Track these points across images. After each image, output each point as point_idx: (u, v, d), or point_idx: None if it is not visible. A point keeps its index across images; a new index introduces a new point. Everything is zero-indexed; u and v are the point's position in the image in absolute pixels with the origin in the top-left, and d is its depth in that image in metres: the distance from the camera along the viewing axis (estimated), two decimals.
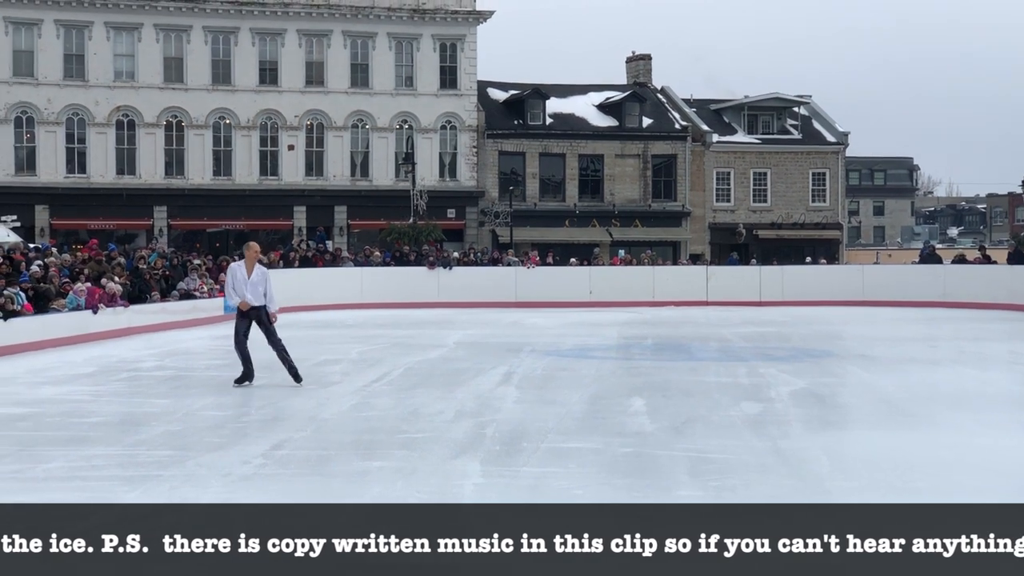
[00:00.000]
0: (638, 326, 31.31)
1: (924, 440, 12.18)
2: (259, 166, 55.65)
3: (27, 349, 22.95)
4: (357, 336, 27.56)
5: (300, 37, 55.70)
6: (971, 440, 12.22)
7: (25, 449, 11.58)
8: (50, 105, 53.02)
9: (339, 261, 43.55)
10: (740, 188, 61.91)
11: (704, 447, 11.50)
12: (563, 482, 9.71)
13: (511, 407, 14.59)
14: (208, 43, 54.82)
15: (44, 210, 52.55)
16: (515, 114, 59.77)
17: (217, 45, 55.04)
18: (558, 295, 41.88)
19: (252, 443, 11.75)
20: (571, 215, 58.63)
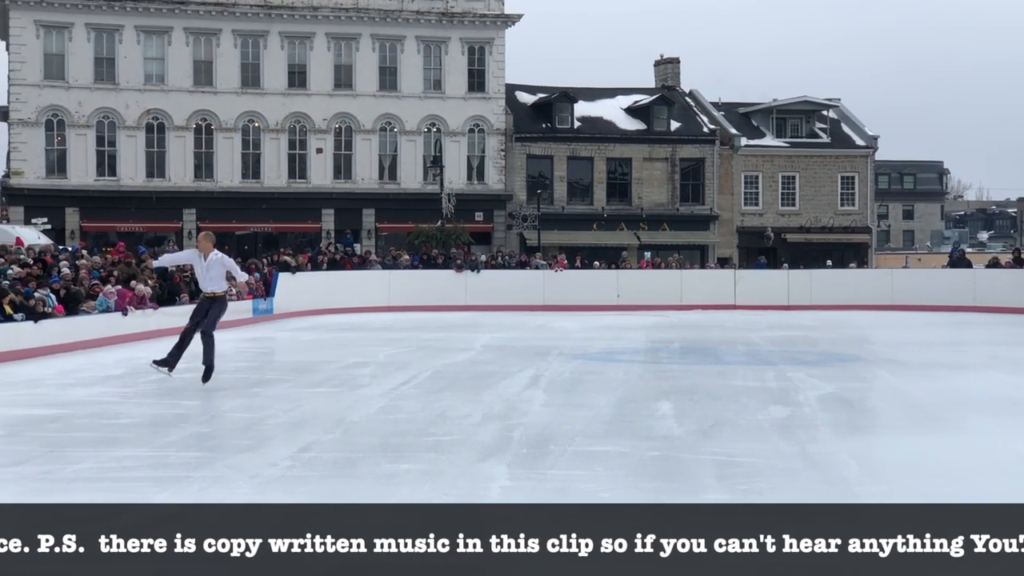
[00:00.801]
0: (665, 329, 31.26)
1: (954, 445, 12.12)
2: (287, 169, 55.82)
3: (58, 351, 23.08)
4: (385, 339, 27.60)
5: (329, 40, 55.86)
6: (1003, 445, 12.14)
7: (55, 450, 11.64)
8: (81, 108, 53.32)
9: (367, 264, 43.65)
10: (768, 192, 61.74)
11: (731, 451, 11.47)
12: (590, 485, 9.70)
13: (538, 410, 14.59)
14: (237, 47, 55.04)
15: (74, 213, 52.84)
16: (543, 117, 59.76)
17: (246, 49, 55.25)
18: (586, 298, 41.87)
19: (280, 445, 11.77)
20: (599, 218, 58.59)
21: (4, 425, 13.93)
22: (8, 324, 22.21)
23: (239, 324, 31.54)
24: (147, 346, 24.79)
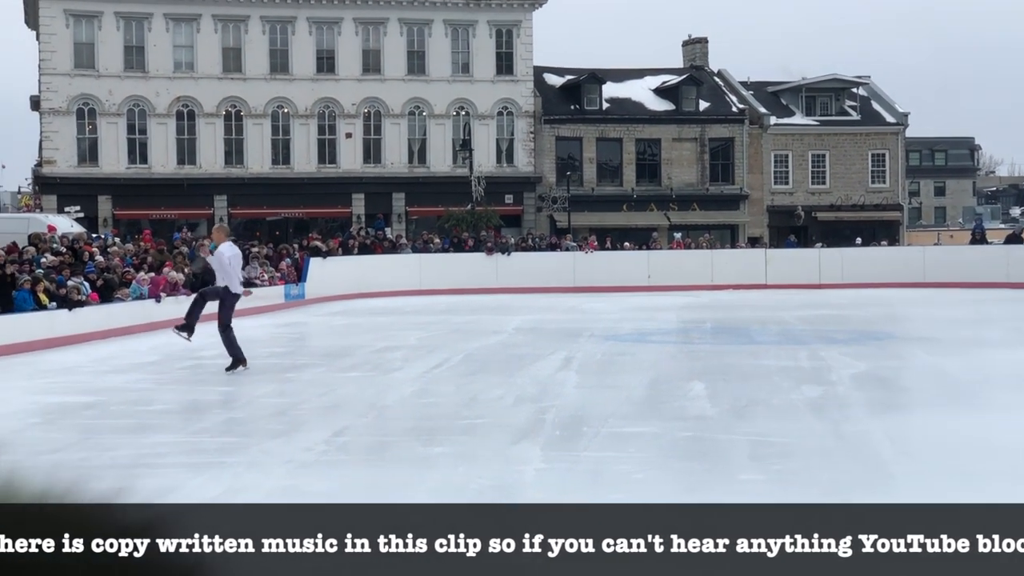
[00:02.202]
0: (697, 310, 31.21)
1: (990, 423, 12.05)
2: (317, 154, 55.92)
3: (93, 338, 23.23)
4: (417, 323, 27.66)
5: (356, 25, 55.88)
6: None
7: (91, 437, 11.72)
8: (111, 97, 53.53)
9: (398, 248, 43.73)
10: (798, 170, 61.46)
11: (765, 431, 11.45)
12: (623, 466, 9.70)
13: (571, 392, 14.59)
14: (265, 33, 55.12)
15: (107, 200, 53.09)
16: (572, 99, 59.65)
17: (275, 35, 55.33)
18: (616, 280, 41.85)
19: (314, 430, 11.82)
20: (629, 199, 58.48)
21: (40, 412, 14.04)
22: (43, 312, 22.37)
23: (271, 310, 31.67)
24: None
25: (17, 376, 17.65)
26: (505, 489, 8.89)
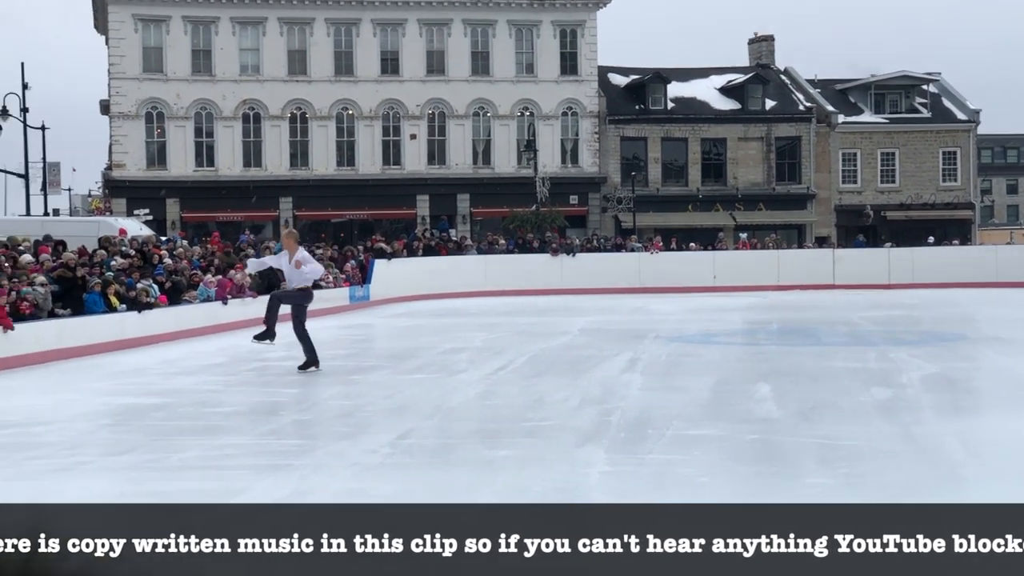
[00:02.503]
0: (763, 311, 31.01)
1: None
2: (382, 156, 56.13)
3: (161, 340, 23.47)
4: (481, 324, 27.68)
5: (421, 26, 56.03)
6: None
7: (160, 439, 11.82)
8: (179, 100, 54.05)
9: (463, 249, 43.80)
10: (867, 169, 60.85)
11: (833, 433, 11.34)
12: (688, 470, 9.64)
13: (636, 394, 14.54)
14: (330, 35, 55.42)
15: (175, 203, 53.61)
16: (636, 99, 59.46)
17: (339, 37, 55.61)
18: (682, 280, 41.70)
19: (379, 432, 11.85)
20: (694, 199, 58.19)
21: (111, 414, 14.20)
22: (113, 314, 22.62)
23: (336, 311, 31.83)
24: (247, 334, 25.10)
25: (88, 378, 17.86)
26: (569, 492, 8.87)
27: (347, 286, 35.53)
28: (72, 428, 12.81)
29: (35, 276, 21.59)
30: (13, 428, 12.81)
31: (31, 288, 20.87)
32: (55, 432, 12.51)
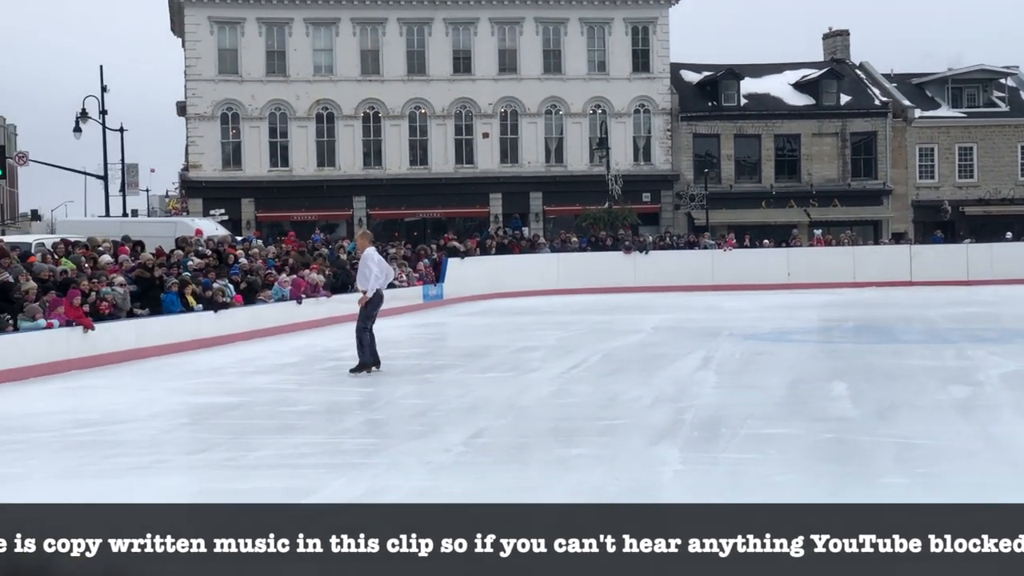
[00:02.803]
0: (839, 308, 30.73)
1: None
2: (454, 154, 56.28)
3: (237, 339, 23.70)
4: (555, 322, 27.69)
5: (492, 25, 56.13)
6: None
7: (237, 437, 11.95)
8: (254, 101, 54.54)
9: (535, 247, 43.81)
10: (944, 164, 60.11)
11: (909, 433, 11.24)
12: (763, 469, 9.60)
13: (710, 392, 14.49)
14: (403, 35, 55.67)
15: (250, 203, 54.11)
16: (709, 96, 59.17)
17: (411, 36, 55.84)
18: (755, 278, 41.43)
19: (452, 431, 11.90)
20: (768, 196, 57.80)
21: (188, 413, 14.38)
22: (190, 314, 22.89)
23: (410, 310, 31.98)
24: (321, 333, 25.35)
25: (166, 377, 18.09)
26: (643, 491, 8.87)
27: (420, 285, 35.68)
28: (150, 427, 12.99)
29: (114, 276, 21.90)
30: (94, 427, 13.02)
31: (110, 288, 21.17)
32: (134, 431, 12.69)
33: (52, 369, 18.33)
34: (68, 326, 19.05)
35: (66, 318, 19.09)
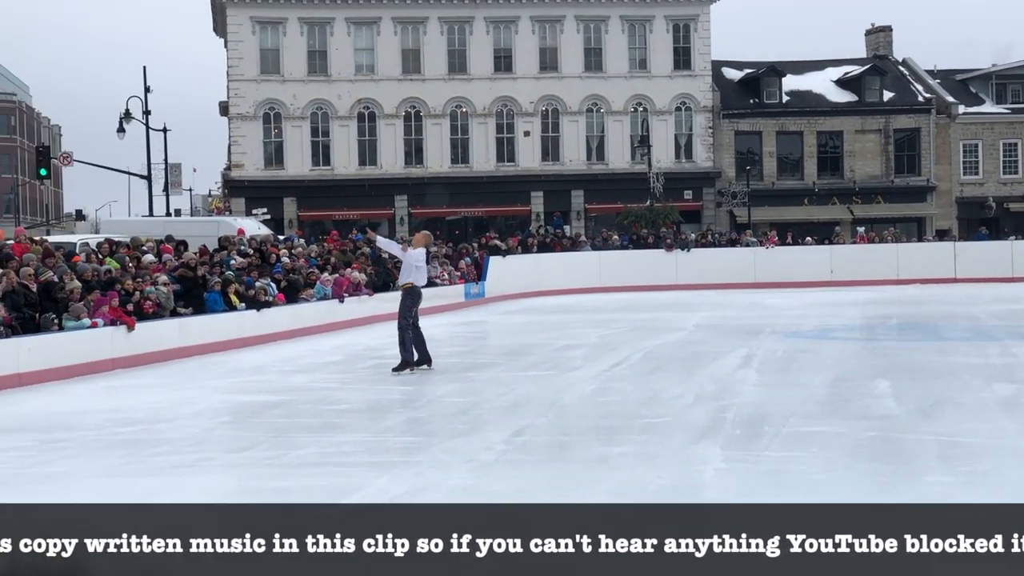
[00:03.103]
0: (882, 305, 30.54)
1: None
2: (496, 153, 56.33)
3: (280, 338, 23.82)
4: (596, 320, 27.66)
5: (533, 24, 56.12)
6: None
7: (280, 435, 12.02)
8: (295, 101, 54.77)
9: (577, 245, 43.78)
10: (989, 160, 59.63)
11: (954, 431, 11.16)
12: (805, 467, 9.56)
13: (752, 390, 14.44)
14: (444, 34, 55.75)
15: (292, 202, 54.35)
16: (751, 93, 58.95)
17: (452, 35, 55.93)
18: (798, 275, 41.24)
19: (494, 429, 11.92)
20: (810, 193, 57.53)
21: (232, 411, 14.47)
22: (233, 313, 23.02)
23: (451, 308, 32.03)
24: (363, 332, 25.43)
25: (209, 375, 18.21)
26: (684, 489, 8.85)
27: (462, 283, 35.73)
28: (194, 425, 13.08)
29: (158, 276, 22.05)
30: (138, 425, 13.11)
31: (154, 288, 21.31)
32: (178, 429, 12.78)
33: (96, 368, 18.49)
34: (112, 325, 19.21)
35: (110, 317, 19.25)
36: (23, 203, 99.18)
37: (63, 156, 62.07)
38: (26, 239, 23.96)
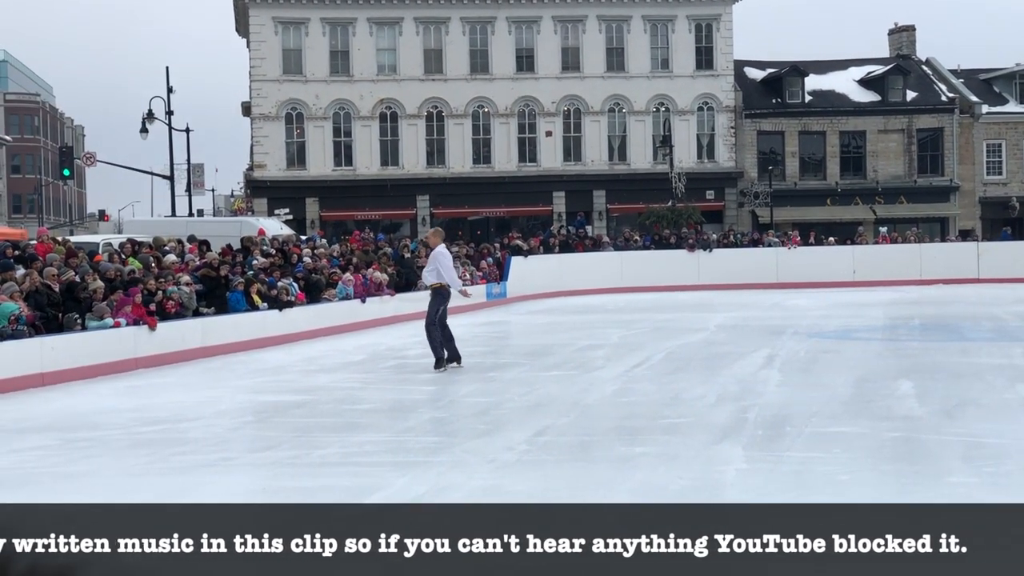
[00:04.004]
0: (905, 306, 30.45)
1: None
2: (517, 153, 56.32)
3: (301, 338, 23.87)
4: (618, 320, 27.64)
5: (555, 23, 56.11)
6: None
7: (302, 435, 12.04)
8: (318, 101, 54.88)
9: (599, 245, 43.77)
10: (1013, 160, 59.38)
11: (977, 431, 11.12)
12: (828, 467, 9.53)
13: (774, 390, 14.41)
14: (466, 34, 55.80)
15: (314, 203, 54.46)
16: (773, 93, 58.82)
17: (475, 35, 55.97)
18: (820, 275, 41.14)
19: (516, 429, 11.92)
20: (832, 193, 57.38)
21: (254, 411, 14.51)
22: (255, 312, 23.07)
23: (473, 309, 32.02)
24: (385, 332, 25.46)
25: (231, 375, 18.26)
26: (706, 490, 8.84)
27: (484, 283, 35.74)
28: (217, 424, 13.12)
29: (180, 276, 22.12)
30: (161, 424, 13.16)
31: (176, 287, 21.39)
32: (200, 428, 12.82)
33: (119, 368, 18.56)
34: (135, 325, 19.28)
35: (133, 317, 19.32)
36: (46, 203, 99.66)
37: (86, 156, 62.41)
38: (49, 239, 24.08)
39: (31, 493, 9.40)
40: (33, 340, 17.25)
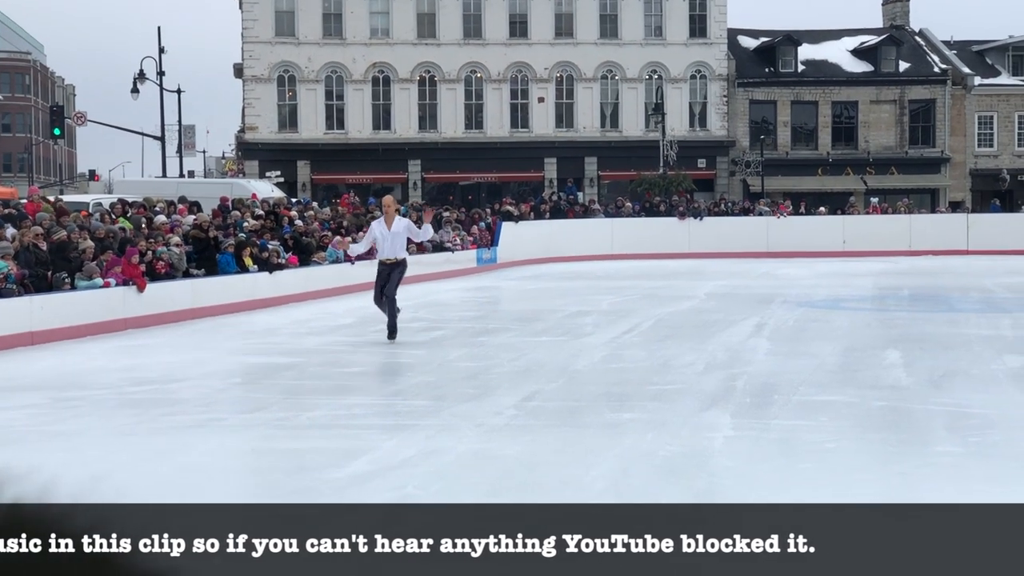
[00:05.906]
0: (894, 276, 30.53)
1: None
2: (510, 119, 56.22)
3: (291, 301, 23.88)
4: (608, 287, 27.67)
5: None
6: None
7: (290, 397, 12.07)
8: (310, 64, 54.68)
9: (590, 212, 43.77)
10: (1004, 132, 59.38)
11: (963, 401, 11.17)
12: (815, 435, 9.59)
13: (762, 359, 14.46)
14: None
15: (305, 166, 54.34)
16: (766, 62, 58.71)
17: (468, 0, 55.72)
18: (810, 245, 41.22)
19: (505, 394, 11.95)
20: (824, 163, 57.38)
21: (243, 373, 14.54)
22: (245, 275, 23.07)
23: (464, 274, 32.07)
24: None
25: (222, 337, 18.28)
26: (694, 456, 8.88)
27: (474, 248, 35.76)
28: (206, 386, 13.15)
29: (170, 237, 22.10)
30: (151, 385, 13.18)
31: (166, 248, 21.37)
32: (190, 389, 12.85)
33: (109, 328, 18.57)
34: (125, 285, 19.27)
35: (123, 277, 19.31)
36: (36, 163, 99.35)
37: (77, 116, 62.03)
38: (39, 198, 24.03)
39: (20, 451, 9.42)
40: (23, 299, 17.25)
